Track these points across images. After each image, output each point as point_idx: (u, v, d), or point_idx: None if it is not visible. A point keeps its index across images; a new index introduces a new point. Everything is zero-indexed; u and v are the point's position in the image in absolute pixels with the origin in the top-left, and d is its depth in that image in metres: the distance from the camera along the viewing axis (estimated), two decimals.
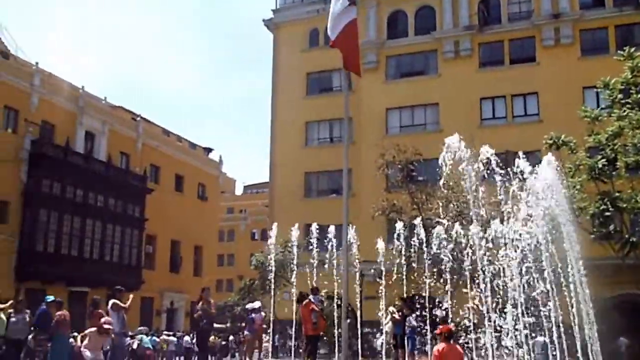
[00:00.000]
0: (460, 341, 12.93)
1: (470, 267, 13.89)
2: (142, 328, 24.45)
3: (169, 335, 33.16)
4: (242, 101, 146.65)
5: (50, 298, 13.68)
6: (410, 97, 33.84)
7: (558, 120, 28.28)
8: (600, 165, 21.39)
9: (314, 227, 19.82)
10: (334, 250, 18.90)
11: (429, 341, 15.52)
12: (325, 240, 19.39)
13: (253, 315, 16.64)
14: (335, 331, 16.21)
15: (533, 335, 12.49)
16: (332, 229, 18.80)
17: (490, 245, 12.91)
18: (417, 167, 26.20)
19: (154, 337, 29.21)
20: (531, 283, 12.04)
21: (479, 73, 33.42)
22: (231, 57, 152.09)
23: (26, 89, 36.28)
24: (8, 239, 34.10)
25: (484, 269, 12.74)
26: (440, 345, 8.74)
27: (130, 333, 20.90)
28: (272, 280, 19.86)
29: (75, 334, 14.25)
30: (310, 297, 14.88)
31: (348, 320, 15.84)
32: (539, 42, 32.50)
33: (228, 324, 40.39)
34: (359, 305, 21.76)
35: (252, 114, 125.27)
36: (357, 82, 35.61)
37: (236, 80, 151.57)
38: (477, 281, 12.91)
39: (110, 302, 13.17)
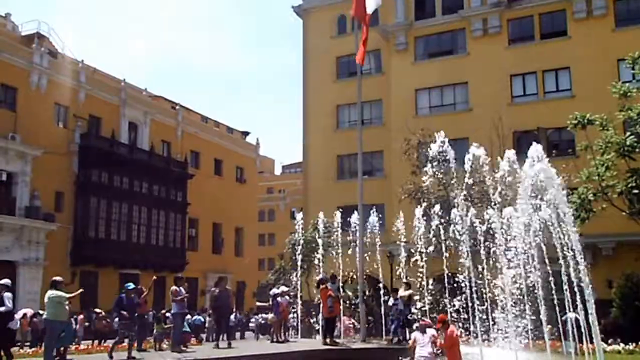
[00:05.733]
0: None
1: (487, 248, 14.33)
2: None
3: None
4: (281, 78, 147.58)
5: (131, 286, 14.79)
6: (440, 77, 34.00)
7: (591, 95, 28.02)
8: (629, 142, 21.16)
9: (338, 215, 20.67)
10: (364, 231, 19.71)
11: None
12: (351, 222, 20.44)
13: (279, 299, 17.91)
14: (361, 310, 17.14)
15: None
16: (356, 212, 19.45)
17: (505, 227, 13.33)
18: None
19: (200, 317, 30.82)
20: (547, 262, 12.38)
21: (509, 50, 33.14)
22: (265, 37, 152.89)
23: (74, 85, 38.39)
24: (64, 226, 36.47)
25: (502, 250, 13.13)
26: (452, 328, 9.67)
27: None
28: (299, 265, 21.15)
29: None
30: (328, 284, 16.17)
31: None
32: (571, 15, 31.74)
33: (270, 302, 41.84)
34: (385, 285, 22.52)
35: (290, 92, 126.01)
36: (387, 64, 36.18)
37: (273, 58, 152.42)
38: (498, 264, 13.29)
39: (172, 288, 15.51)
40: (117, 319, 16.97)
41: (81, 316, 28.40)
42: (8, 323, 13.97)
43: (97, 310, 29.78)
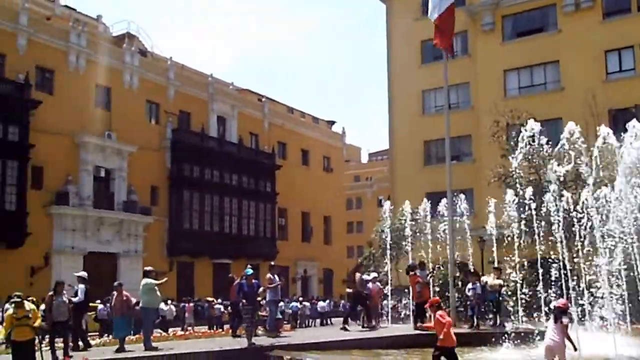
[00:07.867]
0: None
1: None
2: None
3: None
4: (366, 64, 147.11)
5: (250, 272, 14.68)
6: (529, 57, 32.76)
7: None
8: None
9: (426, 205, 20.50)
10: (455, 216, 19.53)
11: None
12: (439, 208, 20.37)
13: (369, 285, 18.14)
14: (451, 295, 17.04)
15: None
16: (444, 199, 19.27)
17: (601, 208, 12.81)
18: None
19: (295, 303, 31.55)
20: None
21: (603, 24, 31.50)
22: (350, 24, 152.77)
23: (163, 82, 39.97)
24: (160, 219, 38.21)
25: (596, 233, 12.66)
26: (441, 312, 9.13)
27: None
28: (388, 253, 21.34)
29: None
30: (417, 271, 16.52)
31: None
32: None
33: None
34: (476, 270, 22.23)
35: (376, 78, 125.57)
36: (473, 46, 35.25)
37: (358, 44, 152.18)
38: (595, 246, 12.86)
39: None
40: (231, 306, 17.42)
41: (190, 304, 29.82)
42: (83, 314, 14.82)
43: (209, 298, 31.26)
